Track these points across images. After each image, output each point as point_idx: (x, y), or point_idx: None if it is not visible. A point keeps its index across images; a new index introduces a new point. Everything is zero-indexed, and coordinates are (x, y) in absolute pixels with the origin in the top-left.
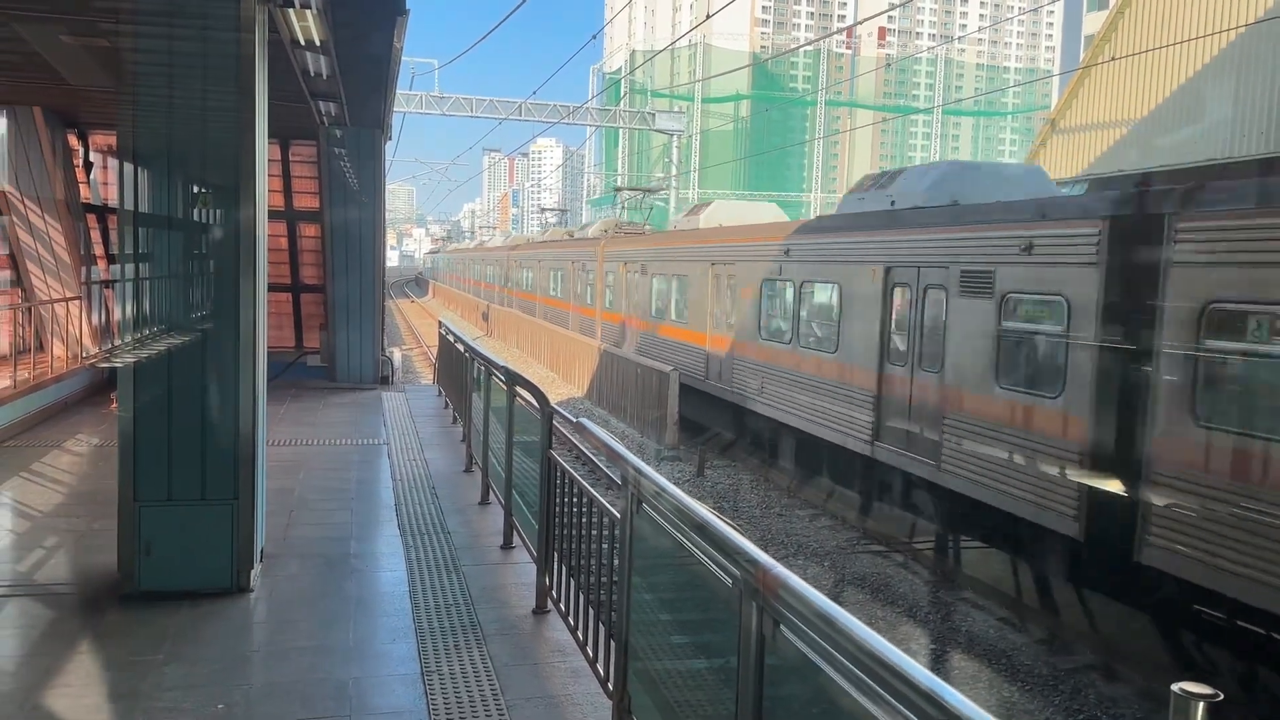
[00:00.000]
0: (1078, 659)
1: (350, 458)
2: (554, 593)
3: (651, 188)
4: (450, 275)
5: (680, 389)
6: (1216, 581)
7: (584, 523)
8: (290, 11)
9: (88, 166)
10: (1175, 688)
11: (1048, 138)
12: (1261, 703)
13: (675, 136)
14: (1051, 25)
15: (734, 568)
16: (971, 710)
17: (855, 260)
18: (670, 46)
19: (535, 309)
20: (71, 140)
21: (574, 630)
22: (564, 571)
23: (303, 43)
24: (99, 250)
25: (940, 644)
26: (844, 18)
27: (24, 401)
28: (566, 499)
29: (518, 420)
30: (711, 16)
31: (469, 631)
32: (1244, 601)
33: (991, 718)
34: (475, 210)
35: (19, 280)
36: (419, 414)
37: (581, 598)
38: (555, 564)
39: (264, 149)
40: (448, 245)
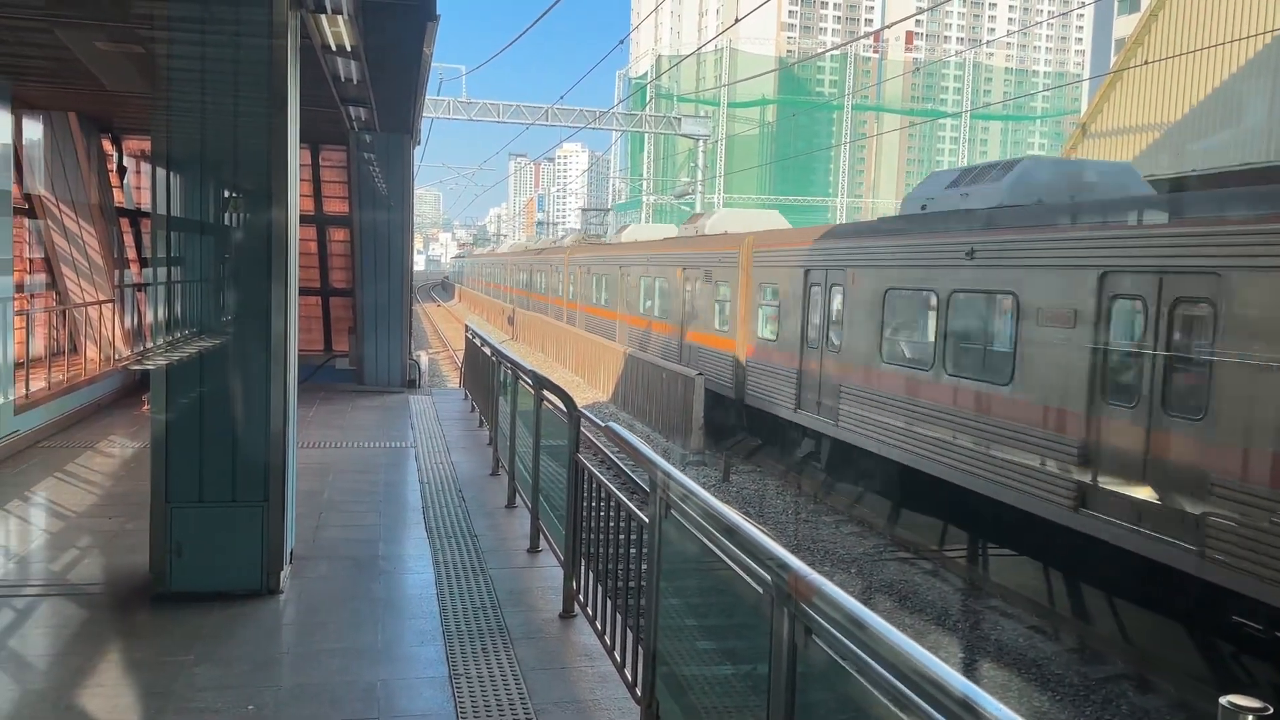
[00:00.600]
0: (1109, 668)
1: (378, 460)
2: (581, 597)
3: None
4: (476, 280)
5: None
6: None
7: (611, 527)
8: (322, 17)
9: (121, 171)
10: (1224, 700)
11: (1078, 142)
12: None
13: (701, 141)
14: (1081, 29)
15: (764, 573)
16: (1009, 719)
17: (786, 265)
18: (697, 51)
19: (529, 303)
20: (105, 145)
21: (601, 635)
22: (591, 576)
23: (334, 48)
24: (131, 254)
25: (969, 652)
26: (871, 21)
27: (58, 403)
28: (593, 503)
29: (544, 424)
30: (739, 21)
31: (496, 635)
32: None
33: None
34: (501, 215)
35: (53, 283)
36: (446, 417)
37: (609, 602)
38: (582, 568)
39: (295, 154)
40: (474, 250)
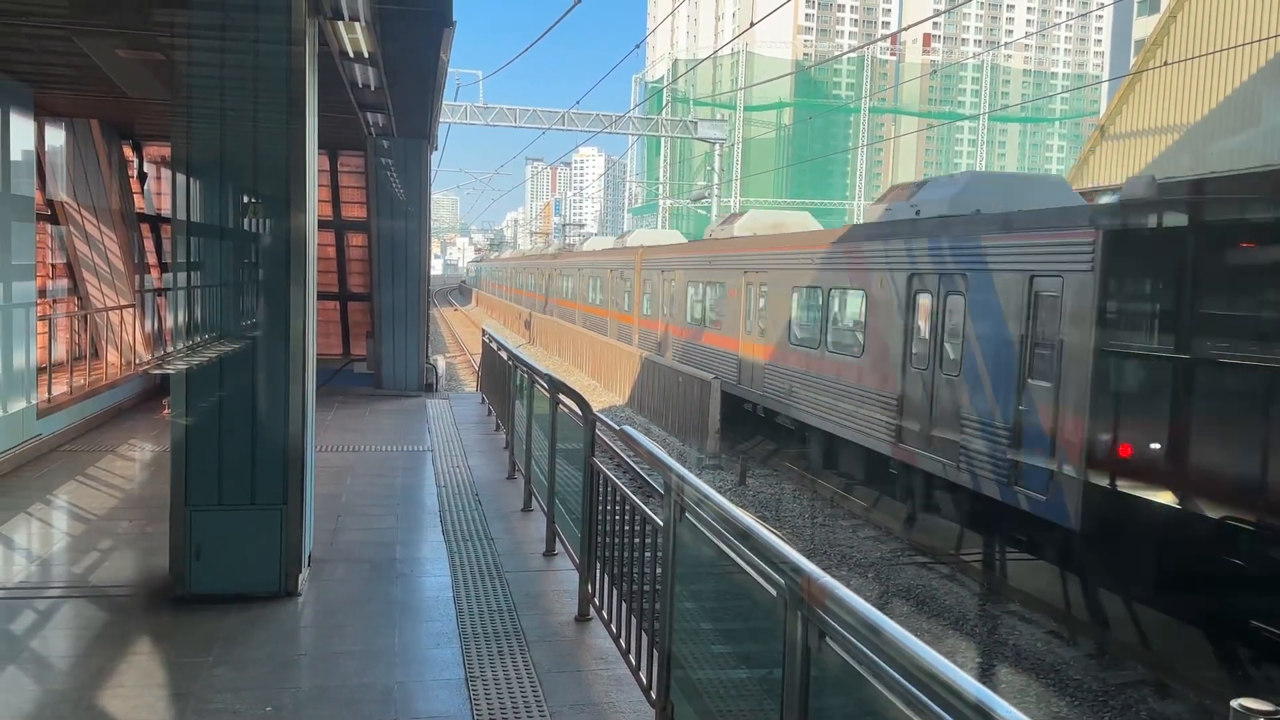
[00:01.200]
0: (1128, 673)
1: (396, 464)
2: (596, 600)
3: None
4: (492, 284)
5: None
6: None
7: (626, 530)
8: (340, 24)
9: (142, 177)
10: (1235, 703)
11: (1097, 144)
12: None
13: (717, 145)
14: (1100, 30)
15: (779, 576)
16: None
17: (723, 269)
18: (713, 55)
19: (520, 298)
20: (126, 152)
21: (616, 638)
22: (606, 579)
23: (351, 55)
24: (152, 259)
25: (987, 657)
26: (888, 24)
27: (80, 407)
28: (609, 506)
29: (560, 427)
30: (755, 25)
31: (512, 638)
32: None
33: None
34: (518, 219)
35: (75, 289)
36: (463, 421)
37: (624, 605)
38: (597, 571)
39: (314, 160)
40: (490, 254)
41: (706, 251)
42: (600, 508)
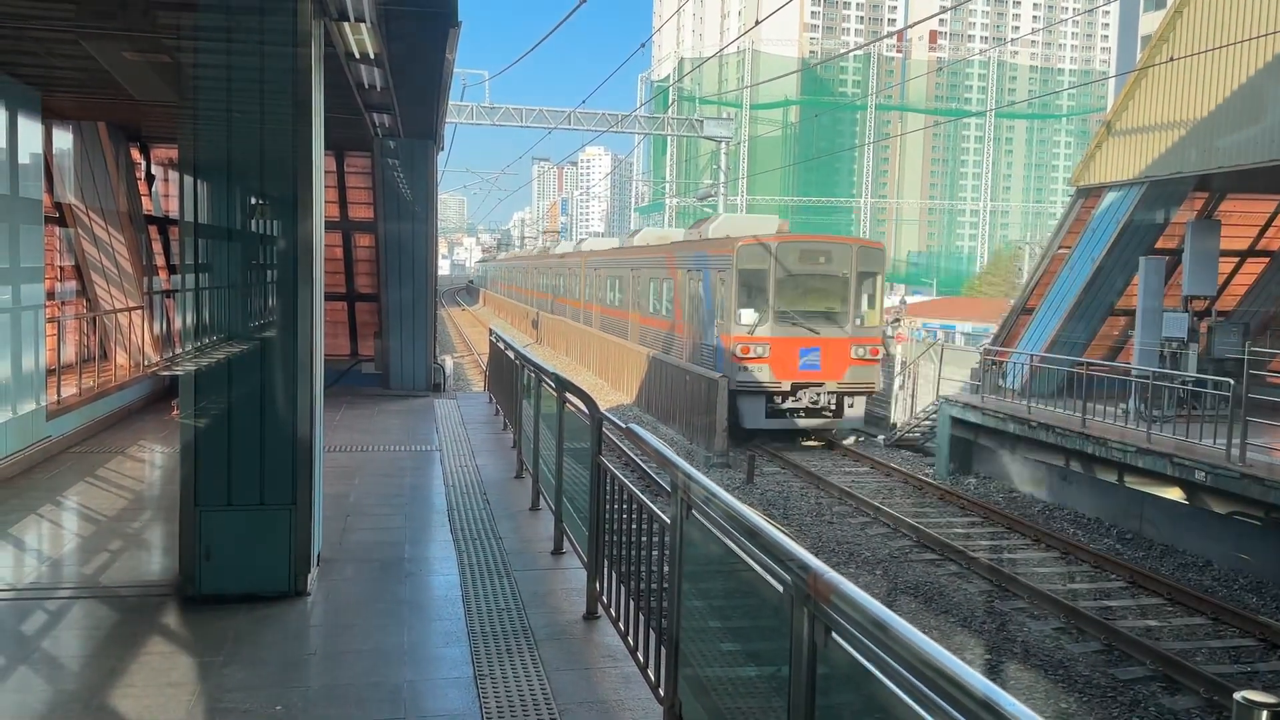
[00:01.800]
0: (1136, 669)
1: (404, 464)
2: (604, 598)
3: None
4: (499, 283)
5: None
6: None
7: (634, 529)
8: (345, 25)
9: (150, 179)
10: (1238, 696)
11: (1103, 140)
12: None
13: (724, 143)
14: (1107, 26)
15: (785, 573)
16: (1030, 719)
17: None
18: (719, 53)
19: (511, 293)
20: (134, 154)
21: (624, 635)
22: (614, 577)
23: (357, 56)
24: (160, 261)
25: (995, 653)
26: (894, 21)
27: (89, 408)
28: (616, 505)
29: (567, 427)
30: (760, 23)
31: (521, 636)
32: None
33: None
34: (525, 219)
35: (84, 290)
36: (470, 421)
37: (632, 603)
38: (605, 569)
39: (320, 160)
40: (497, 253)
41: (614, 255)
42: (607, 506)
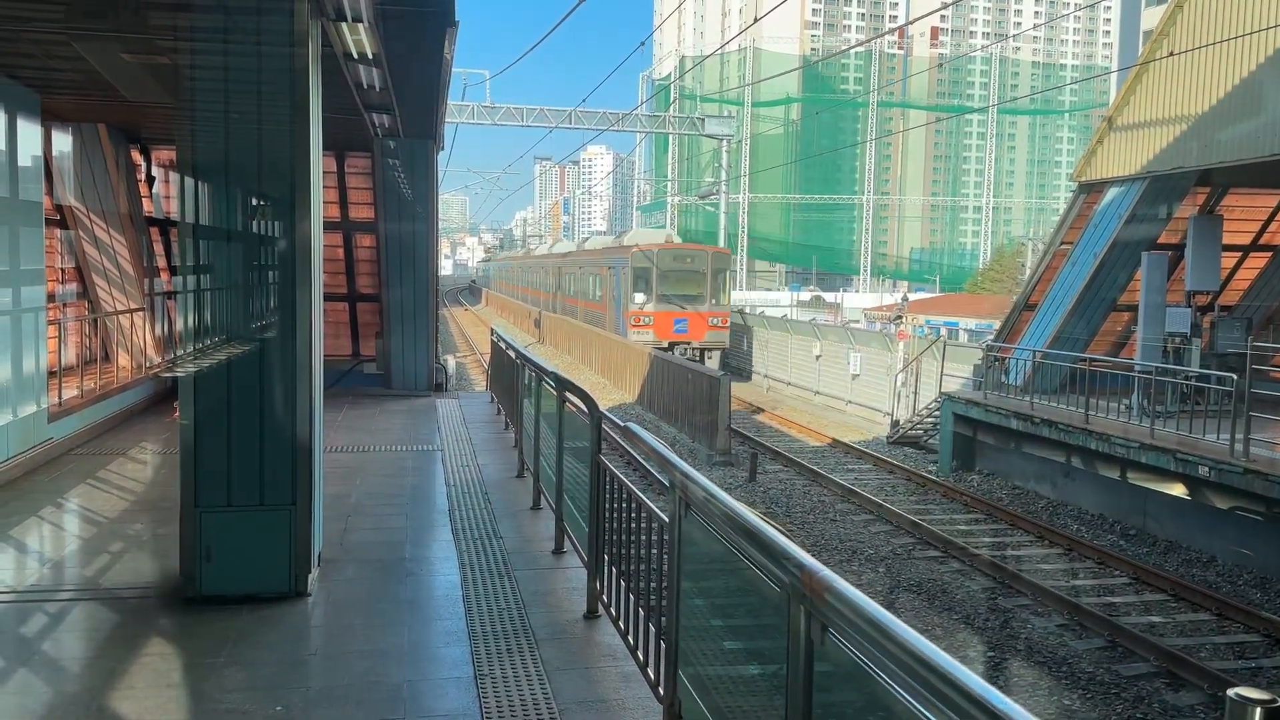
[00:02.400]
0: (1140, 666)
1: (405, 464)
2: (605, 597)
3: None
4: (501, 283)
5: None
6: None
7: (634, 528)
8: (342, 25)
9: (150, 181)
10: (1231, 693)
11: (1105, 135)
12: None
13: (725, 141)
14: (1109, 20)
15: (781, 572)
16: (1021, 715)
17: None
18: (719, 51)
19: (503, 289)
20: (134, 155)
21: (624, 635)
22: (614, 576)
23: (355, 56)
24: (161, 262)
25: (998, 651)
26: (895, 18)
27: (91, 410)
28: (616, 504)
29: (568, 426)
30: (760, 20)
31: (521, 635)
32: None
33: None
34: (527, 218)
35: (85, 292)
36: (472, 420)
37: (632, 602)
38: (606, 569)
39: (318, 161)
40: (499, 253)
41: (558, 258)
42: (607, 505)
